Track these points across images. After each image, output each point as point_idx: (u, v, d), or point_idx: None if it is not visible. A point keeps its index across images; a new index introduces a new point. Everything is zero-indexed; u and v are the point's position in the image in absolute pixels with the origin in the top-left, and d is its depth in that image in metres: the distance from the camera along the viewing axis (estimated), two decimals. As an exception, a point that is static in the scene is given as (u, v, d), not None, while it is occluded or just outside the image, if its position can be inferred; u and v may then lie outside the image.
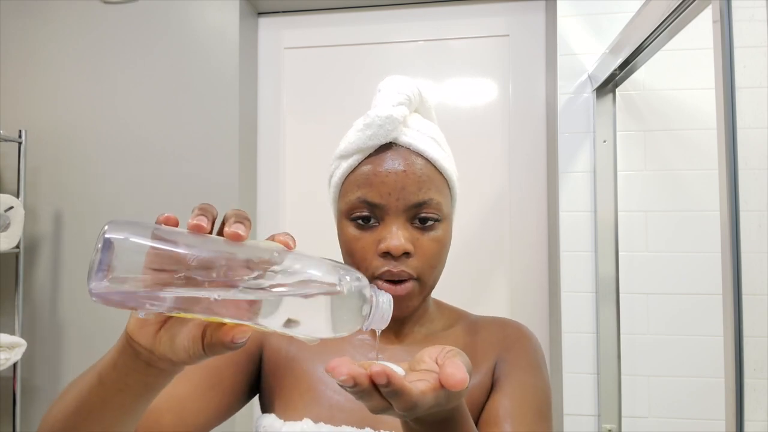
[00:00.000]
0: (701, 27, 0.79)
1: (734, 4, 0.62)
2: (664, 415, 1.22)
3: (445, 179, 0.58)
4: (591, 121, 1.28)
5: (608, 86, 1.24)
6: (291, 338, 0.62)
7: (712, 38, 0.65)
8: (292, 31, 1.57)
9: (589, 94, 1.29)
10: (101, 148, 1.47)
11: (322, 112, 1.54)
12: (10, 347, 1.31)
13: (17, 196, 1.37)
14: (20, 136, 1.40)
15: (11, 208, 1.34)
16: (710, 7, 0.66)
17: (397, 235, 0.53)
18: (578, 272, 1.26)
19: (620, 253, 1.25)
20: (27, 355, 1.41)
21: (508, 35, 1.47)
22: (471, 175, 1.46)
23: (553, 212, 1.36)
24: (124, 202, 1.45)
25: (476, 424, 0.56)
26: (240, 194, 1.42)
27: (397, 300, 0.52)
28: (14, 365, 1.35)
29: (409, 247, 0.54)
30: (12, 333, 1.37)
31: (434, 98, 1.50)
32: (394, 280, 0.54)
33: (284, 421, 0.56)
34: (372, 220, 0.55)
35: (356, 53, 1.54)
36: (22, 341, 1.33)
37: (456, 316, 0.66)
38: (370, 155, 0.56)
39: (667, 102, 1.26)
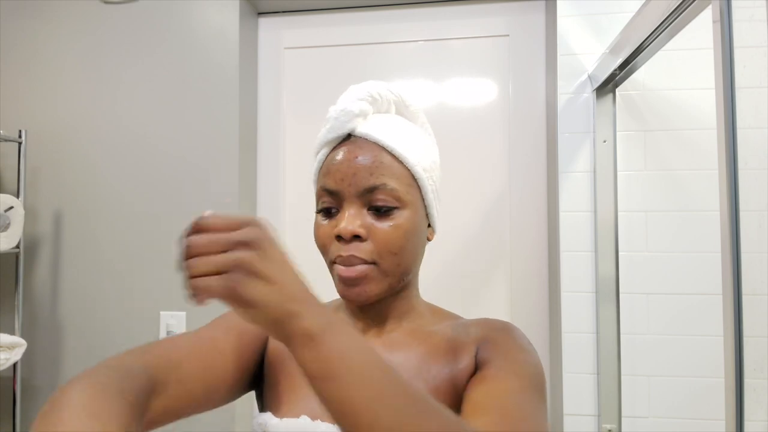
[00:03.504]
0: (701, 27, 0.79)
1: (734, 4, 0.63)
2: (664, 415, 1.22)
3: (407, 168, 0.58)
4: (591, 121, 1.28)
5: (608, 86, 1.24)
6: None
7: (712, 38, 0.65)
8: (292, 31, 1.57)
9: (589, 94, 1.29)
10: (101, 148, 1.47)
11: (322, 112, 1.52)
12: (10, 347, 1.31)
13: (17, 196, 1.37)
14: (20, 136, 1.40)
15: (11, 208, 1.34)
16: (710, 7, 0.66)
17: (347, 219, 0.55)
18: (578, 272, 1.26)
19: (620, 253, 1.25)
20: (27, 355, 1.41)
21: (508, 35, 1.47)
22: (471, 175, 1.46)
23: (553, 212, 1.36)
24: (124, 202, 1.45)
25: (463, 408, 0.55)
26: (240, 194, 1.42)
27: (351, 282, 0.55)
28: (14, 365, 1.35)
29: (359, 231, 0.55)
30: (12, 333, 1.37)
31: (434, 98, 1.50)
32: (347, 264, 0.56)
33: (281, 418, 0.56)
34: (333, 209, 0.58)
35: (356, 53, 1.54)
36: (22, 341, 1.34)
37: (446, 317, 0.65)
38: (333, 148, 0.60)
39: (667, 102, 1.26)
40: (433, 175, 0.61)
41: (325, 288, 0.61)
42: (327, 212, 0.58)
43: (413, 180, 0.59)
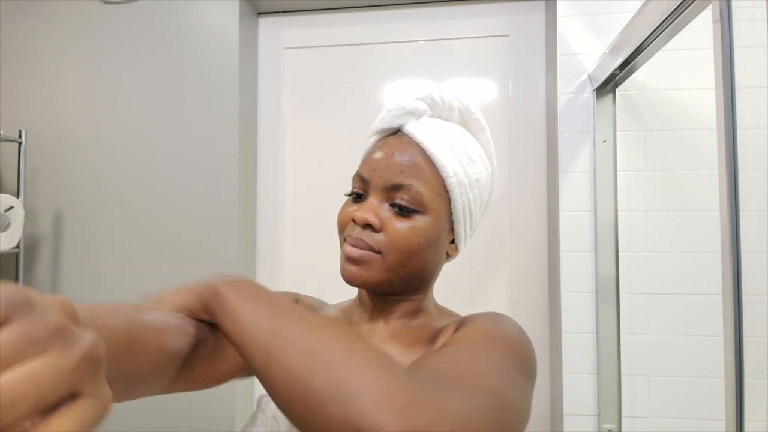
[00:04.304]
0: (701, 27, 0.79)
1: (734, 4, 0.62)
2: (664, 415, 1.22)
3: (441, 176, 0.57)
4: (591, 121, 1.28)
5: (608, 86, 1.24)
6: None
7: (712, 38, 0.65)
8: (292, 31, 1.57)
9: (589, 94, 1.29)
10: (101, 148, 1.47)
11: (322, 112, 1.54)
12: (10, 347, 1.31)
13: (17, 196, 1.37)
14: (20, 136, 1.40)
15: (11, 208, 1.34)
16: (710, 7, 0.66)
17: (365, 207, 0.57)
18: (578, 272, 1.26)
19: (620, 253, 1.25)
20: (27, 355, 1.41)
21: (508, 35, 1.47)
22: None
23: (553, 212, 1.36)
24: (124, 202, 1.45)
25: None
26: (240, 194, 1.42)
27: (352, 261, 0.56)
28: (14, 365, 1.34)
29: (372, 220, 0.56)
30: (12, 333, 1.36)
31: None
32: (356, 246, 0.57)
33: None
34: (363, 196, 0.59)
35: (356, 53, 1.54)
36: (22, 341, 1.33)
37: (450, 316, 0.65)
38: (381, 138, 0.61)
39: (667, 102, 1.26)
40: (470, 194, 0.60)
41: (323, 286, 0.62)
42: (357, 196, 0.60)
43: (444, 190, 0.58)
